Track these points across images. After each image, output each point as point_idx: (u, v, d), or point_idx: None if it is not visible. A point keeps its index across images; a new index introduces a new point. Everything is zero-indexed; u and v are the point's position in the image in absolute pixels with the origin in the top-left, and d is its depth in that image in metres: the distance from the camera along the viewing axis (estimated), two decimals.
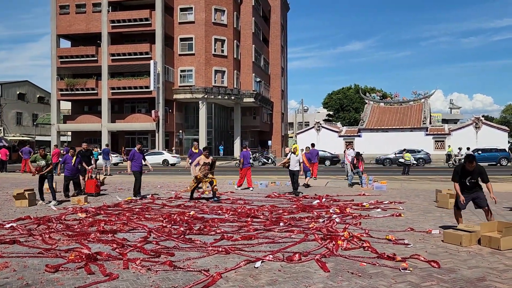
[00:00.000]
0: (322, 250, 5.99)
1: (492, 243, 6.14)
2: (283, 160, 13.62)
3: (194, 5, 42.42)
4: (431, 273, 5.00)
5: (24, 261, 5.52)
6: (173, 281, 4.70)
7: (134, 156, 12.61)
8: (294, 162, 13.20)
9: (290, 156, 13.29)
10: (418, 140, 39.59)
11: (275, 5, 57.95)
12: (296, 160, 13.22)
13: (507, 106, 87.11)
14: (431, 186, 14.82)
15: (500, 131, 39.51)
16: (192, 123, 44.96)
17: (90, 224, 7.98)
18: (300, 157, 13.46)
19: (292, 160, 13.20)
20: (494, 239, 6.13)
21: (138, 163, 12.63)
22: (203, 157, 11.59)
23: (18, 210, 10.17)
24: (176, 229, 7.48)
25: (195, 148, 15.18)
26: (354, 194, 13.14)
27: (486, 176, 6.97)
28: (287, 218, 8.54)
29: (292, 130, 71.33)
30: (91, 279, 4.76)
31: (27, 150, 24.13)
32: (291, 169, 13.20)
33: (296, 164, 13.21)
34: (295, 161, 13.21)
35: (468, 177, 6.96)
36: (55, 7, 42.50)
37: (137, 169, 12.59)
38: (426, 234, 7.16)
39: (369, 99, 48.50)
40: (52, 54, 42.49)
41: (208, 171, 11.47)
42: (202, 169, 11.40)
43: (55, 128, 42.94)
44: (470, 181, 6.98)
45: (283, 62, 62.94)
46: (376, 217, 8.88)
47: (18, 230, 7.47)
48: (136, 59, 40.45)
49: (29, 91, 58.46)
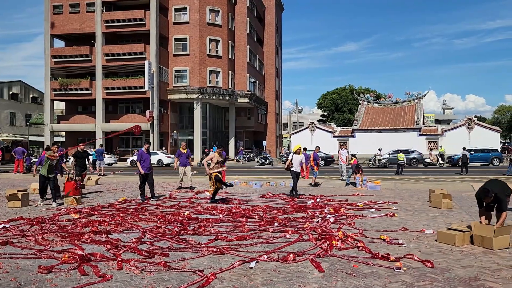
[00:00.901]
0: (316, 250, 6.00)
1: (485, 243, 6.18)
2: (287, 162, 12.94)
3: (189, 5, 42.32)
4: (425, 272, 5.02)
5: (16, 262, 5.47)
6: (167, 282, 4.68)
7: (142, 156, 12.02)
8: (297, 163, 12.68)
9: (293, 157, 12.72)
10: (411, 140, 39.79)
11: (270, 6, 57.98)
12: (299, 161, 12.71)
13: (499, 107, 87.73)
14: (425, 186, 14.90)
15: (492, 131, 39.81)
16: (187, 124, 44.84)
17: (84, 225, 7.93)
18: (303, 158, 12.91)
19: (295, 161, 12.66)
20: (486, 239, 6.17)
21: (146, 164, 12.02)
22: (217, 155, 11.10)
23: (10, 210, 10.09)
24: (171, 230, 7.46)
25: (183, 148, 15.13)
26: (348, 194, 13.17)
27: (505, 205, 6.54)
28: (282, 218, 8.55)
29: (286, 131, 71.42)
30: (85, 280, 4.73)
31: (21, 150, 23.97)
32: (293, 170, 12.59)
33: (299, 165, 12.69)
34: (298, 161, 12.68)
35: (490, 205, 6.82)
36: (48, 7, 42.18)
37: (145, 170, 12.01)
38: (419, 234, 7.19)
39: (363, 99, 48.68)
40: (46, 54, 42.18)
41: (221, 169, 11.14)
42: (216, 167, 10.94)
43: (48, 128, 42.62)
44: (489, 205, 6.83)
45: (278, 62, 62.97)
46: (370, 217, 8.91)
47: (10, 231, 7.40)
48: (131, 59, 40.24)
49: (22, 91, 58.03)
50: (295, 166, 12.62)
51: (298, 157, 12.68)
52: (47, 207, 10.55)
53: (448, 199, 10.31)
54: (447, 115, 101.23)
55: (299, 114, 63.83)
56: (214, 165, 10.94)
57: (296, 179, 12.51)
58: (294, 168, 12.60)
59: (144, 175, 11.96)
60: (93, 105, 42.46)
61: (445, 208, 9.98)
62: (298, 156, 12.69)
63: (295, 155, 12.69)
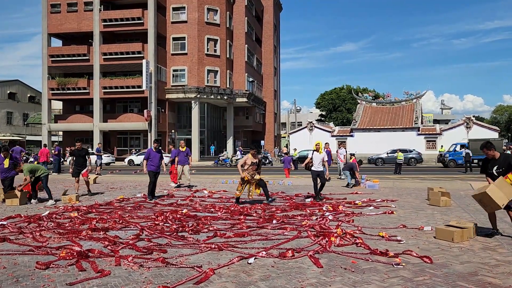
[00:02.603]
0: (315, 247, 5.99)
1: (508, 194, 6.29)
2: (306, 160, 11.78)
3: (187, 4, 42.28)
4: (423, 268, 5.02)
5: (14, 259, 5.45)
6: (165, 277, 4.67)
7: (150, 155, 11.74)
8: (318, 162, 11.21)
9: (313, 154, 11.36)
10: (410, 140, 39.83)
11: (268, 5, 57.98)
12: (320, 159, 11.21)
13: (498, 107, 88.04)
14: (423, 185, 14.90)
15: (491, 131, 39.87)
16: (185, 123, 44.78)
17: (82, 222, 7.91)
18: (324, 156, 11.33)
19: (316, 159, 11.23)
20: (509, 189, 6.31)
21: (154, 163, 11.71)
22: (251, 156, 10.51)
23: (8, 208, 10.05)
24: (169, 227, 7.44)
25: (182, 146, 15.10)
26: (347, 192, 13.18)
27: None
28: (280, 215, 8.54)
29: (285, 130, 71.43)
30: (83, 276, 4.71)
31: (18, 149, 23.86)
32: (314, 170, 11.22)
33: (320, 163, 11.22)
34: (318, 160, 11.21)
35: (494, 166, 6.53)
36: (46, 6, 42.08)
37: (153, 169, 11.68)
38: (418, 231, 7.19)
39: (361, 99, 48.70)
40: (43, 53, 42.08)
41: (255, 172, 10.46)
42: (249, 169, 10.41)
43: (46, 127, 42.51)
44: (497, 171, 6.53)
45: (276, 62, 62.98)
46: (369, 214, 8.91)
47: (8, 228, 7.38)
48: (128, 59, 40.18)
49: (20, 91, 57.89)
50: (316, 165, 11.23)
51: (319, 155, 11.24)
52: (44, 205, 10.52)
53: (447, 197, 10.32)
54: (446, 115, 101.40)
55: (297, 114, 63.84)
56: (248, 167, 10.44)
57: (316, 178, 11.28)
58: (314, 167, 11.26)
59: (153, 174, 11.65)
60: (90, 105, 42.37)
61: (443, 206, 9.98)
62: (319, 154, 11.24)
63: (315, 153, 11.27)
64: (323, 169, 11.19)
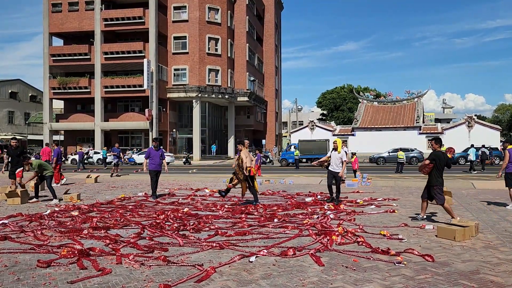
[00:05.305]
0: (316, 245, 5.98)
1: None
2: (322, 158, 11.15)
3: (188, 3, 42.27)
4: (425, 266, 5.00)
5: (15, 257, 5.45)
6: (166, 276, 4.66)
7: (150, 154, 11.63)
8: (336, 162, 10.35)
9: (331, 153, 10.53)
10: (412, 139, 39.80)
11: (269, 4, 57.92)
12: (339, 159, 10.34)
13: (499, 106, 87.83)
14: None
15: (493, 130, 39.80)
16: (186, 122, 44.78)
17: (83, 221, 7.91)
18: (343, 155, 10.39)
19: (334, 159, 10.39)
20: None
21: (154, 162, 11.60)
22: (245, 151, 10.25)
23: (10, 207, 10.06)
24: (170, 225, 7.43)
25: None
26: (348, 191, 13.15)
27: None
28: (281, 214, 8.53)
29: (286, 129, 71.41)
30: (84, 274, 4.71)
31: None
32: (331, 170, 10.41)
33: (339, 164, 10.32)
34: (337, 160, 10.35)
35: None
36: (47, 6, 42.13)
37: (153, 168, 11.62)
38: (420, 229, 7.18)
39: (363, 98, 48.68)
40: (45, 53, 42.12)
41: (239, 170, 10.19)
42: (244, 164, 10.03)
43: (47, 127, 42.56)
44: None
45: (277, 61, 62.93)
46: (370, 213, 8.89)
47: (9, 226, 7.38)
48: (130, 58, 40.20)
49: (21, 90, 57.97)
50: (334, 165, 10.40)
51: (338, 154, 10.37)
52: (46, 204, 10.53)
53: (448, 196, 10.28)
54: (447, 114, 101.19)
55: (298, 113, 63.82)
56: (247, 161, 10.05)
57: (331, 179, 10.46)
58: (331, 167, 10.45)
59: (154, 173, 11.61)
60: (92, 104, 42.42)
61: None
62: (337, 154, 10.38)
63: (334, 152, 10.46)
64: (339, 170, 10.30)
